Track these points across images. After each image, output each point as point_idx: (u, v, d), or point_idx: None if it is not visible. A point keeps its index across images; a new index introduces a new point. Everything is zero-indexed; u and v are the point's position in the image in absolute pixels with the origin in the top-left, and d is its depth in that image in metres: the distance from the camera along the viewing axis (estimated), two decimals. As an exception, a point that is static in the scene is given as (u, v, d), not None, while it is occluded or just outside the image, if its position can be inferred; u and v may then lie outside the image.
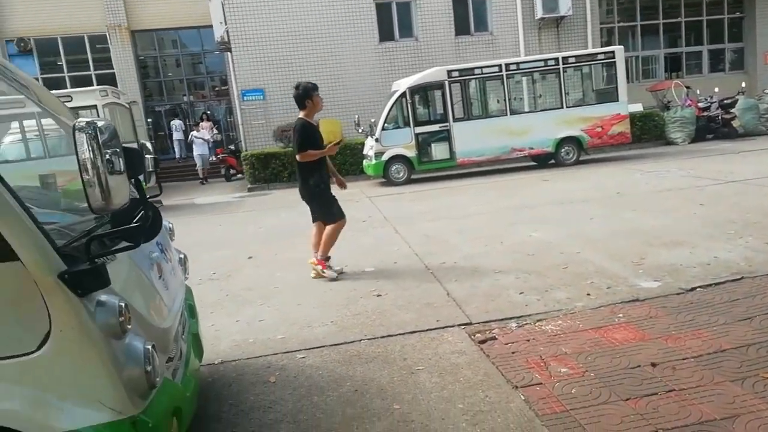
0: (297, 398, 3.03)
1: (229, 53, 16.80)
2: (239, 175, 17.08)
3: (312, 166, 5.29)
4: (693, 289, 4.12)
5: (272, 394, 3.10)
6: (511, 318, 3.90)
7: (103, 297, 1.89)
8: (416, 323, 3.97)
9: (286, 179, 14.19)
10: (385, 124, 12.35)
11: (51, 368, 1.81)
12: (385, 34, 16.81)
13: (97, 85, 12.93)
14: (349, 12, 16.24)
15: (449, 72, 12.52)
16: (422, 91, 13.20)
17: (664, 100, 16.92)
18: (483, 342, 3.51)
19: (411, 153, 12.38)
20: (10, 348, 1.77)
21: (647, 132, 15.64)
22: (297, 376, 3.31)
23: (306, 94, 5.35)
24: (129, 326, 1.95)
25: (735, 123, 14.90)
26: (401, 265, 5.62)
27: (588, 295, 4.25)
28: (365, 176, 13.58)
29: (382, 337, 3.79)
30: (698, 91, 16.68)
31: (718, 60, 19.79)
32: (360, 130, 12.81)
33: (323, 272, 5.31)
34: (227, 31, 15.83)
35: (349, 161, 14.15)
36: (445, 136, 12.49)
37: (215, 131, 18.93)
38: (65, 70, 20.11)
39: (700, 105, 15.66)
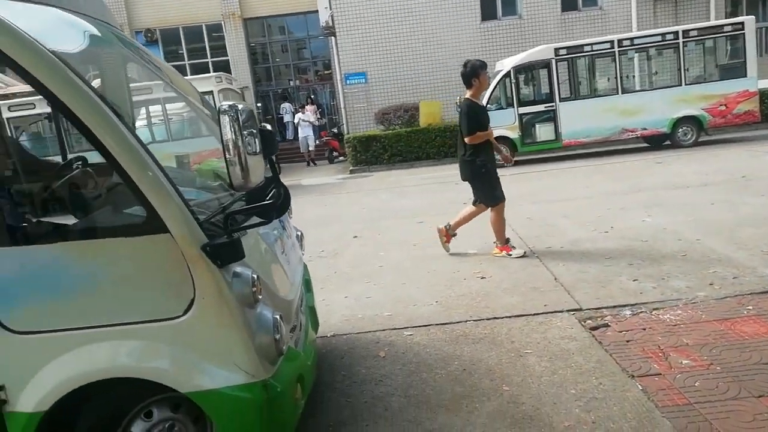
0: (407, 374, 3.11)
1: (333, 38, 17.19)
2: (341, 158, 17.54)
3: (479, 147, 5.24)
4: (836, 282, 3.74)
5: (382, 368, 3.21)
6: (624, 305, 3.74)
7: (238, 268, 2.04)
8: (523, 307, 3.93)
9: (386, 161, 14.38)
10: (488, 105, 12.11)
11: (194, 332, 1.98)
12: (488, 13, 16.43)
13: (213, 71, 13.74)
14: (446, -8, 16.04)
15: (556, 50, 12.03)
16: (527, 71, 12.81)
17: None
18: (595, 329, 3.40)
19: (514, 134, 12.08)
20: (160, 312, 1.96)
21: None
22: (405, 352, 3.40)
23: (473, 72, 5.27)
24: (260, 296, 2.10)
25: None
26: (505, 248, 5.54)
27: (711, 284, 3.98)
28: (465, 158, 13.44)
29: (488, 319, 3.78)
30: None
31: None
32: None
33: (510, 254, 5.19)
34: (332, 16, 16.20)
35: (448, 143, 14.06)
36: (551, 117, 12.06)
37: (319, 114, 19.52)
38: (186, 58, 21.52)
39: None
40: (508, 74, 12.02)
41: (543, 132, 12.10)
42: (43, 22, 2.12)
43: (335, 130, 18.69)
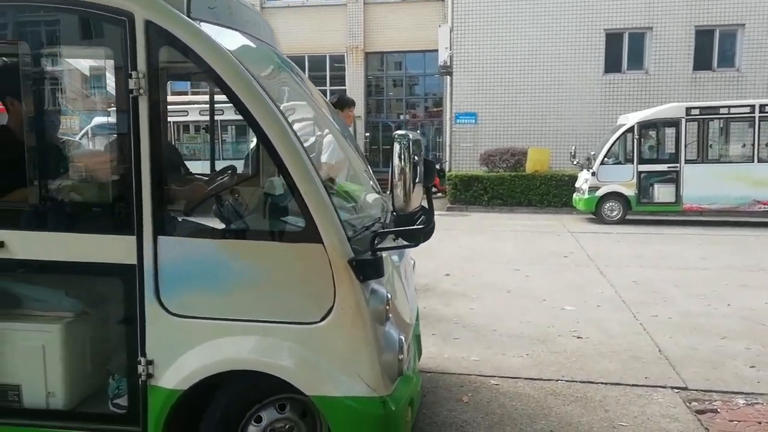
0: (490, 424, 3.01)
1: (448, 77, 17.46)
2: (440, 194, 17.60)
3: None
4: None
5: (464, 413, 3.13)
6: (737, 393, 3.40)
7: (375, 286, 2.17)
8: (621, 375, 3.68)
9: (485, 203, 14.22)
10: (605, 158, 11.68)
11: (327, 339, 2.09)
12: (612, 65, 15.98)
13: (330, 100, 14.35)
14: (576, 41, 15.79)
15: (688, 109, 11.41)
16: (653, 127, 12.24)
17: None
18: (701, 412, 3.12)
19: (629, 191, 11.50)
20: (300, 315, 2.09)
21: None
22: (490, 401, 3.29)
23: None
24: (390, 315, 2.23)
25: None
26: (605, 309, 5.26)
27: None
28: (567, 210, 13.02)
29: (582, 381, 3.58)
30: None
31: None
32: (575, 162, 12.32)
33: None
34: (451, 56, 16.49)
35: (553, 192, 13.70)
36: (673, 178, 11.36)
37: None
38: (307, 84, 22.72)
39: None
40: (631, 129, 11.54)
41: (662, 193, 11.39)
42: (237, 44, 2.35)
43: (438, 167, 18.81)
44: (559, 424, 3.00)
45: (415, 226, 2.25)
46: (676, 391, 3.43)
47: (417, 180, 2.09)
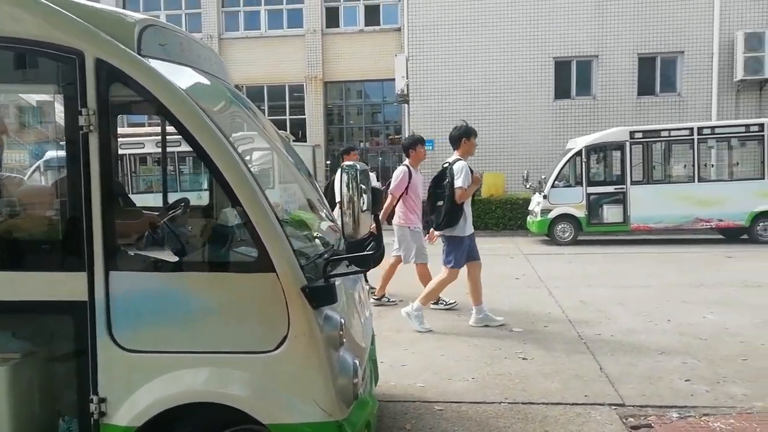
0: (429, 449, 3.03)
1: (406, 105, 17.77)
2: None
3: None
4: None
5: (406, 440, 3.15)
6: (671, 407, 3.52)
7: (328, 312, 2.22)
8: (562, 394, 3.76)
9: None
10: (556, 182, 12.03)
11: (282, 367, 2.12)
12: (562, 92, 16.55)
13: (290, 129, 14.47)
14: (527, 69, 16.31)
15: (632, 133, 11.90)
16: (600, 151, 12.74)
17: None
18: (636, 428, 3.21)
19: (580, 213, 11.86)
20: (254, 344, 2.12)
21: None
22: (433, 427, 3.32)
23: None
24: (344, 340, 2.29)
25: None
26: (552, 329, 5.37)
27: (772, 395, 3.69)
28: (522, 232, 13.31)
29: (523, 403, 3.64)
30: None
31: None
32: (528, 186, 12.66)
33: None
34: (407, 85, 16.81)
35: (508, 215, 14.02)
36: (620, 199, 11.77)
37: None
38: (266, 113, 22.77)
39: None
40: (579, 153, 11.95)
41: (611, 214, 11.79)
42: (188, 79, 2.39)
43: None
44: (497, 446, 3.05)
45: (365, 252, 2.32)
46: (614, 407, 3.53)
47: (365, 208, 2.19)
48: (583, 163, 11.92)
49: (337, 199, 6.33)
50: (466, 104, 16.45)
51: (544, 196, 12.02)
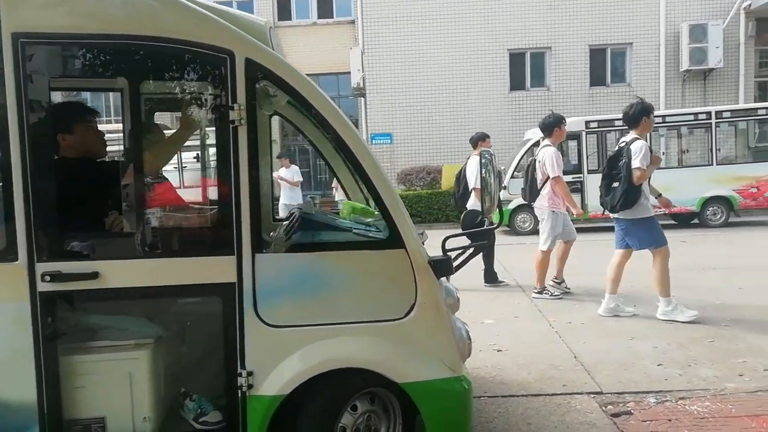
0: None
1: (362, 98, 17.62)
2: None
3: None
4: None
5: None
6: (648, 392, 3.54)
7: (446, 282, 2.55)
8: (540, 385, 3.74)
9: (406, 221, 14.34)
10: (515, 173, 12.13)
11: (411, 332, 2.39)
12: (517, 83, 16.75)
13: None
14: (482, 61, 16.42)
15: (587, 122, 12.12)
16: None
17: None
18: (617, 415, 3.21)
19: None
20: (388, 313, 2.37)
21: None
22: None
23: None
24: (458, 308, 2.75)
25: None
26: (523, 320, 5.38)
27: (741, 375, 3.77)
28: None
29: (503, 396, 3.60)
30: None
31: None
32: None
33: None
34: (363, 78, 16.66)
35: (471, 208, 14.11)
36: (578, 188, 11.98)
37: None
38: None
39: None
40: (537, 143, 12.05)
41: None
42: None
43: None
44: (482, 442, 2.99)
45: (484, 228, 2.79)
46: (592, 396, 3.52)
47: (502, 188, 2.63)
48: None
49: (471, 185, 6.73)
50: (423, 97, 16.44)
51: (504, 187, 12.11)
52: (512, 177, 12.10)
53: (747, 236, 10.31)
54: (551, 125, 6.22)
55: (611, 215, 5.38)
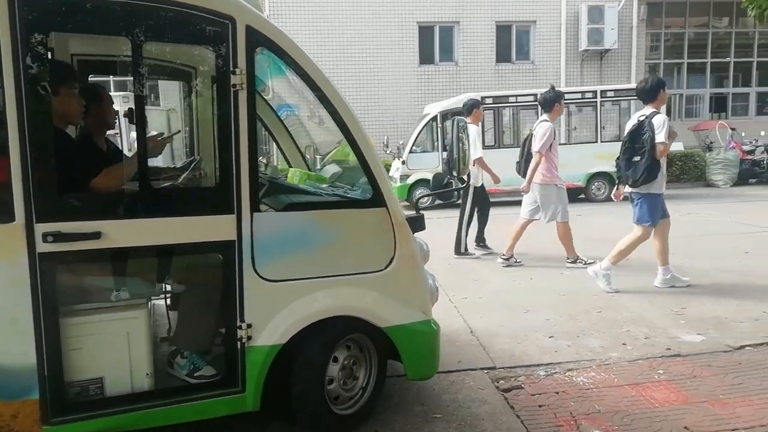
0: (301, 438, 2.80)
1: (268, 67, 16.94)
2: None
3: None
4: (742, 347, 3.77)
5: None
6: (539, 365, 3.61)
7: (417, 237, 2.84)
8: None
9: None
10: (414, 147, 12.14)
11: (391, 281, 2.68)
12: (426, 57, 16.75)
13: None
14: (391, 33, 16.24)
15: (482, 99, 12.28)
16: (453, 116, 12.91)
17: (706, 141, 16.34)
18: (507, 390, 3.23)
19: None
20: (371, 266, 2.64)
21: (687, 172, 15.13)
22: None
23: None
24: (428, 259, 3.15)
25: None
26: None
27: (624, 344, 3.94)
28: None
29: (398, 375, 3.53)
30: (743, 134, 16.10)
31: (765, 103, 19.12)
32: (388, 152, 12.65)
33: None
34: (268, 46, 15.99)
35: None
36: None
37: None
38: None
39: (745, 148, 15.10)
40: (434, 118, 12.15)
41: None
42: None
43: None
44: (374, 426, 2.89)
45: (449, 189, 3.42)
46: (486, 371, 3.53)
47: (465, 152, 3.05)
48: (439, 129, 12.16)
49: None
50: (332, 68, 16.02)
51: (403, 162, 12.08)
52: (411, 152, 12.06)
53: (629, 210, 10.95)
54: (552, 100, 6.23)
55: (633, 190, 5.27)
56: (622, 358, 3.69)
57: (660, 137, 4.94)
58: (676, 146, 15.36)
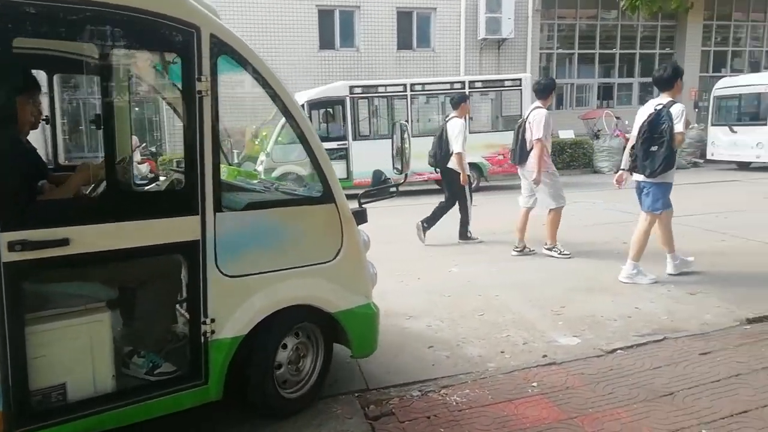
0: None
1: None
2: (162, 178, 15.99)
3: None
4: (613, 351, 3.77)
5: None
6: (414, 383, 3.40)
7: (360, 229, 3.04)
8: (306, 385, 3.41)
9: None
10: (279, 138, 11.16)
11: (339, 270, 2.92)
12: (326, 42, 16.29)
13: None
14: (291, 17, 15.63)
15: (351, 88, 11.98)
16: (323, 106, 12.47)
17: (594, 129, 17.19)
18: (376, 419, 2.98)
19: (304, 171, 11.43)
20: (323, 257, 2.87)
21: (576, 159, 15.81)
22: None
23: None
24: (369, 248, 3.32)
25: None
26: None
27: (502, 352, 3.84)
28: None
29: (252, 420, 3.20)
30: (627, 122, 17.02)
31: (647, 93, 20.38)
32: (257, 143, 11.76)
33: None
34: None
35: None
36: (343, 155, 11.81)
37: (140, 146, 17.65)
38: None
39: (628, 136, 15.95)
40: (302, 107, 11.67)
41: (335, 170, 11.25)
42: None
43: (153, 150, 17.05)
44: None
45: (389, 184, 3.54)
46: (357, 395, 3.27)
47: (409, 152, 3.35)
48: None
49: (452, 148, 7.11)
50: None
51: (267, 154, 11.12)
52: (276, 143, 11.12)
53: (511, 199, 11.18)
54: (548, 87, 6.25)
55: (644, 180, 5.17)
56: (499, 369, 3.58)
57: (679, 127, 4.93)
58: (567, 134, 16.04)
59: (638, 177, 5.23)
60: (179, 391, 2.51)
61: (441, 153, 7.18)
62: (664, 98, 5.12)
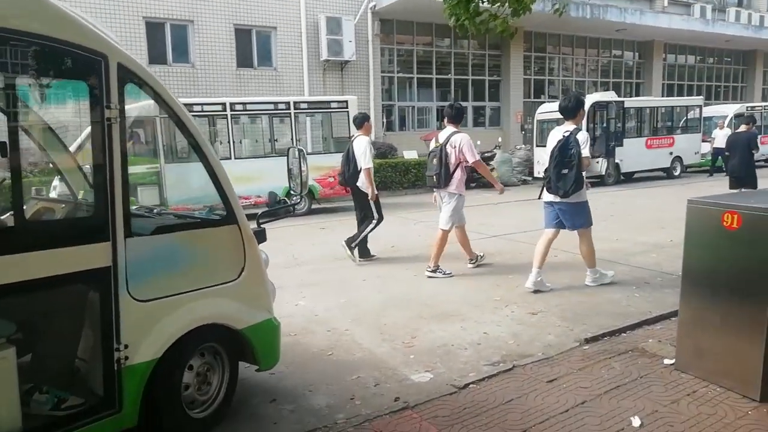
0: None
1: None
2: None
3: None
4: (466, 386, 3.61)
5: None
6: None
7: (260, 248, 3.25)
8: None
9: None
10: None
11: (242, 288, 3.09)
12: (156, 56, 15.05)
13: None
14: (115, 29, 14.15)
15: (188, 105, 11.09)
16: (134, 126, 11.24)
17: (436, 150, 17.87)
18: None
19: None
20: (228, 276, 3.02)
21: (421, 179, 16.28)
22: None
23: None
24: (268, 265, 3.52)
25: (494, 174, 16.26)
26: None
27: (352, 399, 3.51)
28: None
29: None
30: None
31: (479, 115, 21.84)
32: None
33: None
34: None
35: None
36: (154, 180, 10.38)
37: None
38: None
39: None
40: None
41: (146, 196, 8.97)
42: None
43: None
44: None
45: (287, 204, 4.04)
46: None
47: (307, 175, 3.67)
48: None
49: (360, 164, 7.10)
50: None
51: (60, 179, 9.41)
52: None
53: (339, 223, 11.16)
54: (460, 112, 6.70)
55: (559, 201, 5.57)
56: (349, 421, 3.22)
57: (585, 152, 5.44)
58: (411, 154, 16.50)
59: (549, 197, 5.68)
60: (93, 422, 2.48)
61: (349, 171, 7.23)
62: (569, 125, 5.63)
